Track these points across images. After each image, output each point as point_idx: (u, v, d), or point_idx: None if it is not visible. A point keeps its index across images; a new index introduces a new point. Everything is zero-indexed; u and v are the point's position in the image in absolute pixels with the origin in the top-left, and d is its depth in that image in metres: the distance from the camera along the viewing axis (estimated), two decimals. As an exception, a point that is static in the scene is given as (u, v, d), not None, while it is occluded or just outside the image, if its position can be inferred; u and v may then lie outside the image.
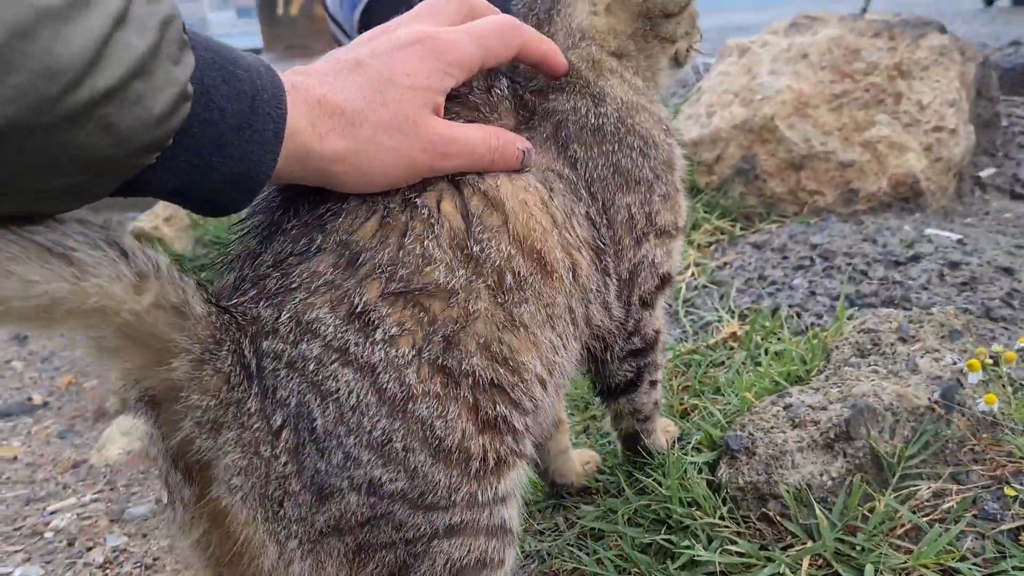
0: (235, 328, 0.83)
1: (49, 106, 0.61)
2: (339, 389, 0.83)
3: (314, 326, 0.84)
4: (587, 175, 1.10)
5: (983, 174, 2.35)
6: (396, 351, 0.85)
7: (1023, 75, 2.96)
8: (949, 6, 6.33)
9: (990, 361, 1.36)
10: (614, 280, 1.14)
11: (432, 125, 0.92)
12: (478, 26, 0.99)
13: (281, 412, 0.82)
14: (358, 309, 0.85)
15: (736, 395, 1.48)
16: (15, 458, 2.22)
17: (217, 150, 0.75)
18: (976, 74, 2.39)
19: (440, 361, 0.87)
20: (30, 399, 2.60)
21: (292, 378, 0.83)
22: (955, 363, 1.36)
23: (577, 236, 1.05)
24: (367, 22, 4.38)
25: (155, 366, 0.80)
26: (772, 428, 1.30)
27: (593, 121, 1.12)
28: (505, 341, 0.93)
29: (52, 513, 1.88)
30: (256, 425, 0.82)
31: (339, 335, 0.84)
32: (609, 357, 1.20)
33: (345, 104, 0.87)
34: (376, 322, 0.85)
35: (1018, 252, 1.88)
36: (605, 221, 1.11)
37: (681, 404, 1.59)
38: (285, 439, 0.82)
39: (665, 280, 1.22)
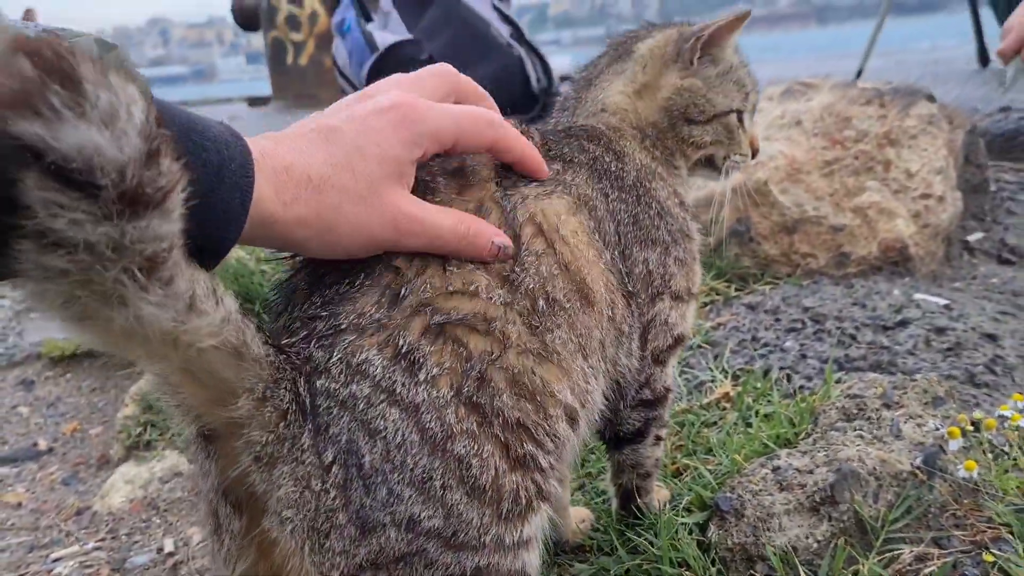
0: (291, 367, 0.88)
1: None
2: (386, 428, 0.88)
3: (363, 367, 0.89)
4: (614, 213, 1.16)
5: (971, 238, 2.42)
6: (437, 392, 0.90)
7: (1012, 141, 3.05)
8: (945, 67, 6.45)
9: (971, 428, 1.40)
10: (639, 326, 1.19)
11: (398, 201, 0.93)
12: (457, 107, 1.02)
13: (332, 448, 0.87)
14: (403, 350, 0.90)
15: (727, 456, 1.52)
16: (20, 504, 2.25)
17: None
18: (964, 141, 2.47)
19: (475, 399, 0.92)
20: (35, 445, 2.63)
21: (343, 416, 0.87)
22: (937, 429, 1.40)
23: (612, 279, 1.11)
24: (374, 80, 4.50)
25: (218, 404, 0.84)
26: (760, 491, 1.34)
27: (615, 170, 1.19)
28: (537, 372, 0.97)
29: (55, 560, 1.91)
30: (309, 460, 0.86)
31: (387, 376, 0.89)
32: (622, 404, 1.24)
33: (312, 172, 0.89)
34: (420, 361, 0.90)
35: (1002, 319, 1.93)
36: (625, 268, 1.16)
37: (674, 463, 1.63)
38: (335, 474, 0.86)
39: (679, 340, 1.28)
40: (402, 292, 0.92)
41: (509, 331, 0.95)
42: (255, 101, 10.48)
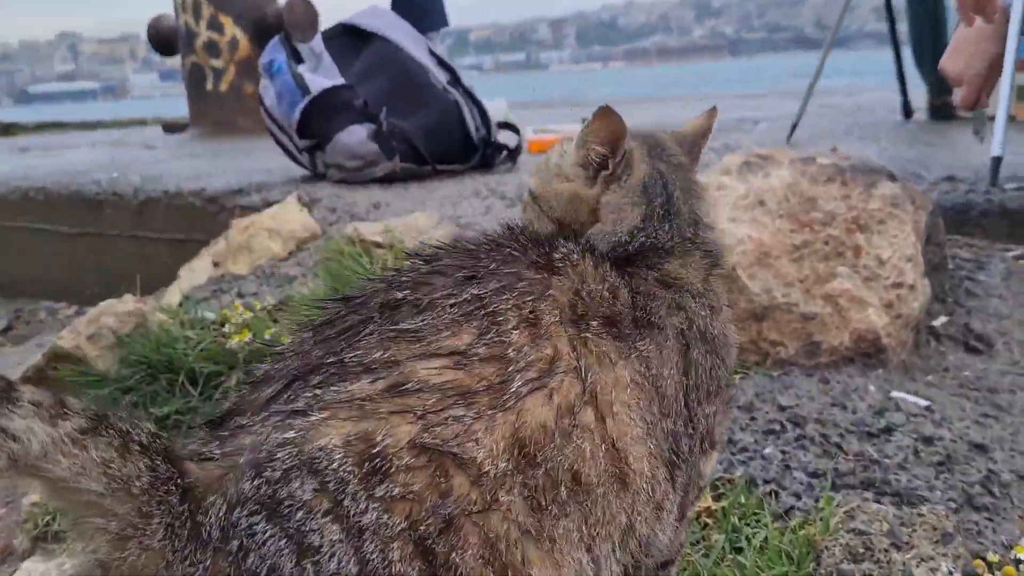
0: (177, 496, 0.75)
1: None
2: (322, 547, 0.73)
3: (317, 459, 0.75)
4: (695, 381, 1.04)
5: (936, 323, 2.37)
6: (389, 518, 0.76)
7: (963, 214, 3.01)
8: (867, 115, 6.56)
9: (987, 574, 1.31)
10: (681, 494, 1.06)
11: None
12: None
13: None
14: (375, 449, 0.76)
15: (723, 598, 1.40)
16: (-94, 619, 2.00)
17: None
18: (927, 222, 2.43)
19: (428, 543, 0.77)
20: (-71, 539, 2.37)
21: (269, 533, 0.73)
22: (951, 573, 1.31)
23: (657, 450, 0.98)
24: (305, 123, 4.32)
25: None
26: (771, 652, 1.21)
27: (711, 331, 1.08)
28: (520, 547, 0.83)
29: None
30: None
31: (341, 475, 0.75)
32: (639, 574, 1.11)
33: None
34: (386, 472, 0.76)
35: (985, 422, 1.87)
36: (689, 431, 1.04)
37: (660, 596, 1.50)
38: None
39: (701, 491, 1.17)
40: (407, 386, 0.80)
41: (500, 495, 0.81)
42: (171, 127, 10.05)
